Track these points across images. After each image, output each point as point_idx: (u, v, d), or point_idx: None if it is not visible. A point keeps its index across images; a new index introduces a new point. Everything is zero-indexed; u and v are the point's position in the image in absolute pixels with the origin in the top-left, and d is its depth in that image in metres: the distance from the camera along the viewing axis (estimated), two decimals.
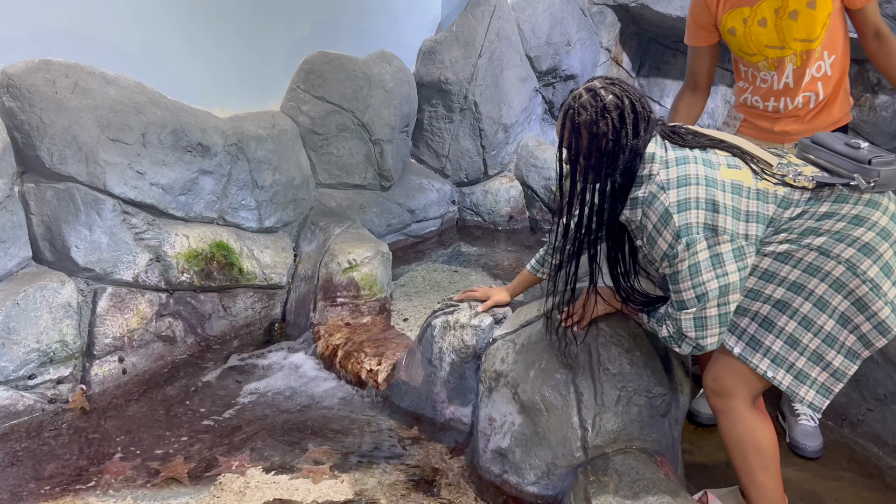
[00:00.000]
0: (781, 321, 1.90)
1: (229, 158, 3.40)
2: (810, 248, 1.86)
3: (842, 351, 1.88)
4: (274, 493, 2.40)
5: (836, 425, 2.79)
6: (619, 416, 2.18)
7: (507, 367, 2.36)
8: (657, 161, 1.89)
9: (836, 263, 1.84)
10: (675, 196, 1.85)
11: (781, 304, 1.90)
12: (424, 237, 4.80)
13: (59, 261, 2.94)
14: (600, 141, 1.88)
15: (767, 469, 2.00)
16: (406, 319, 3.68)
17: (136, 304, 3.12)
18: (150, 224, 3.14)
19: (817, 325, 1.87)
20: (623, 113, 1.88)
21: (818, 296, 1.86)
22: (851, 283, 1.83)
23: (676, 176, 1.86)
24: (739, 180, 1.88)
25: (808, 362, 1.89)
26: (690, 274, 1.87)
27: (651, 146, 1.90)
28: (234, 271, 3.40)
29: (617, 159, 1.88)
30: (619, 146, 1.88)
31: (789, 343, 1.90)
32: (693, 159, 1.89)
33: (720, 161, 1.91)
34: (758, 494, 2.03)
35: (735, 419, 2.00)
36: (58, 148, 2.81)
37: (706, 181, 1.85)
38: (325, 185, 4.19)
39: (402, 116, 4.43)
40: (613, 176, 1.90)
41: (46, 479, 2.45)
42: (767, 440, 2.00)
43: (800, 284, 1.87)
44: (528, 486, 2.27)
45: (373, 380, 2.98)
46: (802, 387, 1.90)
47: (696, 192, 1.84)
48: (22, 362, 2.74)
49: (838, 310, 1.85)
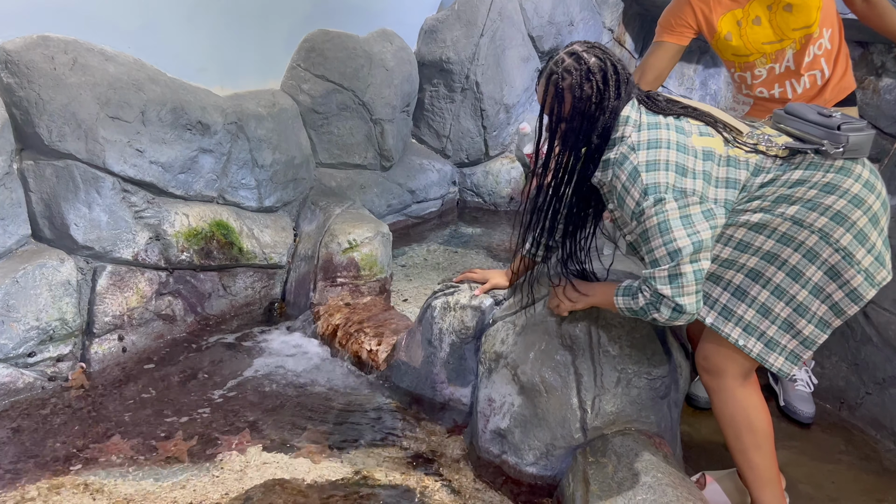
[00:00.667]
0: (754, 290, 1.92)
1: (229, 137, 3.38)
2: (784, 217, 1.86)
3: (812, 320, 1.89)
4: (274, 471, 2.41)
5: (834, 409, 2.80)
6: (618, 397, 2.19)
7: (507, 349, 2.36)
8: (630, 124, 1.91)
9: (810, 233, 1.85)
10: (644, 157, 1.86)
11: (754, 274, 1.92)
12: (425, 218, 4.79)
13: (58, 239, 2.93)
14: (584, 104, 1.90)
15: (761, 448, 2.01)
16: (406, 300, 3.68)
17: (135, 282, 3.11)
18: (150, 202, 3.13)
19: (790, 294, 1.89)
20: (606, 75, 1.90)
21: (791, 265, 1.88)
22: (824, 252, 1.85)
23: (647, 139, 1.88)
24: (711, 147, 1.89)
25: (778, 330, 1.92)
26: (661, 231, 1.84)
27: (626, 109, 1.91)
28: (233, 250, 3.39)
29: (597, 121, 1.91)
30: (602, 108, 1.90)
31: (761, 312, 1.92)
32: (665, 125, 1.90)
33: (692, 129, 1.92)
34: (752, 474, 2.04)
35: (726, 397, 2.02)
36: (57, 125, 2.79)
37: (677, 146, 1.87)
38: (325, 164, 4.17)
39: (403, 96, 4.40)
40: (590, 138, 1.93)
41: (46, 456, 2.46)
42: (760, 419, 2.01)
43: (773, 254, 1.89)
44: (527, 467, 2.28)
45: (373, 360, 2.98)
46: (772, 354, 1.93)
47: (665, 154, 1.85)
48: (21, 340, 2.74)
49: (812, 280, 1.87)
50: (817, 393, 2.84)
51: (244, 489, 2.31)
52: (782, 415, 2.75)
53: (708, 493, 2.24)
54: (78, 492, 2.29)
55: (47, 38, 2.83)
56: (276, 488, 2.32)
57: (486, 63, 4.78)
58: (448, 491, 2.33)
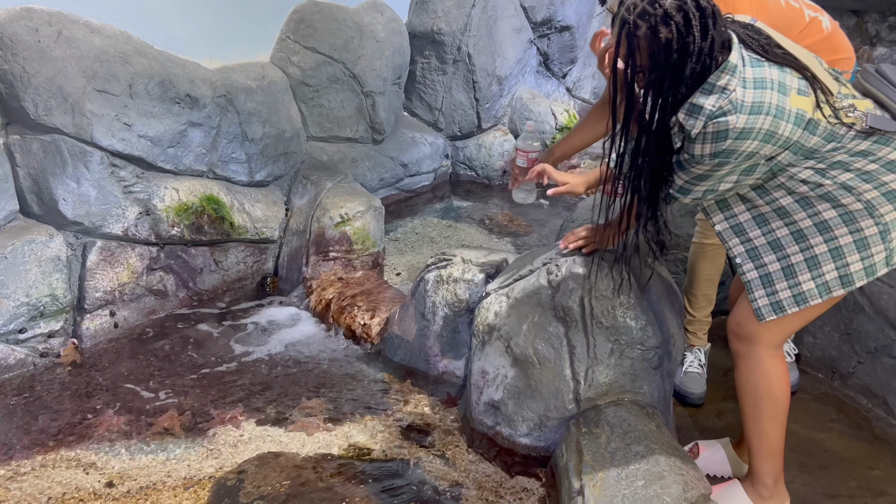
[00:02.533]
0: (775, 224, 1.87)
1: (218, 110, 3.34)
2: (834, 180, 1.78)
3: (817, 280, 1.84)
4: (268, 445, 2.41)
5: (826, 378, 2.82)
6: (611, 368, 2.19)
7: (501, 321, 2.35)
8: (736, 75, 1.68)
9: (856, 200, 1.78)
10: (743, 122, 1.67)
11: (782, 212, 1.85)
12: (417, 192, 4.76)
13: (46, 214, 2.90)
14: (664, 53, 1.66)
15: (776, 419, 2.00)
16: (399, 274, 3.68)
17: (126, 257, 3.09)
18: (139, 177, 3.10)
19: (808, 242, 1.84)
20: (688, 14, 1.63)
21: (823, 218, 1.81)
22: (863, 221, 1.79)
23: (752, 101, 1.67)
24: (804, 110, 1.72)
25: (779, 271, 1.87)
26: (696, 178, 1.81)
27: (734, 55, 1.69)
28: (224, 225, 3.37)
29: (684, 69, 1.67)
30: (688, 53, 1.65)
31: (772, 244, 1.87)
32: (770, 83, 1.69)
33: (793, 85, 1.72)
34: (760, 443, 2.03)
35: (753, 365, 1.99)
36: (42, 99, 2.75)
37: (776, 111, 1.68)
38: (316, 138, 4.13)
39: (394, 68, 4.35)
40: (678, 86, 1.69)
41: (39, 432, 2.45)
42: (782, 390, 1.99)
43: (809, 202, 1.81)
44: (521, 438, 2.29)
45: (366, 334, 2.98)
46: (761, 289, 1.89)
47: (762, 122, 1.67)
48: (12, 316, 2.72)
49: (837, 240, 1.81)
50: (809, 363, 2.85)
51: (238, 462, 2.31)
52: None
53: (701, 461, 2.26)
54: (71, 466, 2.28)
55: (31, 10, 2.78)
56: (271, 461, 2.32)
57: (479, 34, 4.73)
58: (442, 462, 2.34)
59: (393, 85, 4.39)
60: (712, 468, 2.28)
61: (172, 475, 2.26)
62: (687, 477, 1.85)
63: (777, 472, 2.06)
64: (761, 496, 2.07)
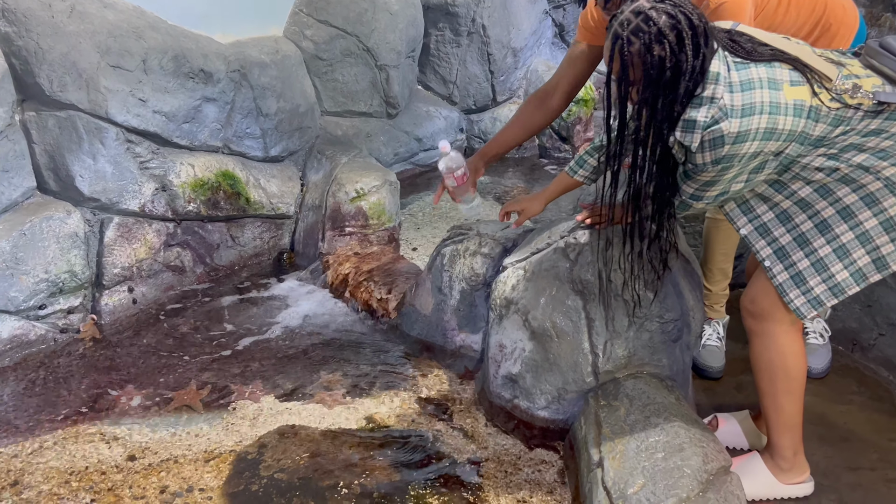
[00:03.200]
0: (799, 218, 1.84)
1: (232, 85, 3.33)
2: (849, 163, 1.75)
3: (850, 268, 1.81)
4: (287, 419, 2.42)
5: (846, 350, 2.79)
6: (630, 341, 2.18)
7: (518, 295, 2.34)
8: (721, 82, 1.68)
9: (875, 178, 1.74)
10: (737, 126, 1.66)
11: (804, 204, 1.83)
12: (432, 166, 4.73)
13: (63, 190, 2.91)
14: (657, 71, 1.65)
15: (792, 394, 1.98)
16: (415, 248, 3.67)
17: (143, 233, 3.10)
18: (155, 153, 3.10)
19: (834, 232, 1.81)
20: (681, 33, 1.64)
21: (845, 204, 1.78)
22: (886, 200, 1.75)
23: (742, 104, 1.67)
24: (802, 100, 1.69)
25: (810, 267, 1.83)
26: (705, 184, 1.80)
27: (714, 63, 1.68)
28: (240, 201, 3.37)
29: (678, 87, 1.66)
30: (681, 72, 1.65)
31: (798, 241, 1.84)
32: (759, 82, 1.68)
33: (783, 77, 1.71)
34: (777, 418, 2.02)
35: (768, 342, 1.97)
36: (57, 74, 2.74)
37: (770, 108, 1.67)
38: (330, 112, 4.11)
39: (408, 41, 4.31)
40: (673, 106, 1.69)
41: (61, 406, 2.48)
42: (798, 366, 1.97)
43: (828, 189, 1.78)
44: (539, 411, 2.28)
45: (383, 308, 2.98)
46: (795, 289, 1.86)
47: (758, 122, 1.67)
48: (32, 292, 2.74)
49: (863, 225, 1.77)
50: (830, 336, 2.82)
51: (258, 436, 2.33)
52: None
53: (720, 434, 2.25)
54: (94, 440, 2.31)
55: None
56: (290, 435, 2.33)
57: (493, 5, 4.66)
58: (460, 435, 2.34)
59: (407, 58, 4.36)
60: (732, 440, 2.27)
61: (193, 449, 2.28)
62: (707, 449, 1.84)
63: (796, 445, 2.05)
64: (781, 468, 2.07)
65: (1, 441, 2.30)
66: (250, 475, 2.15)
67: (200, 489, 2.10)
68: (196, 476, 2.15)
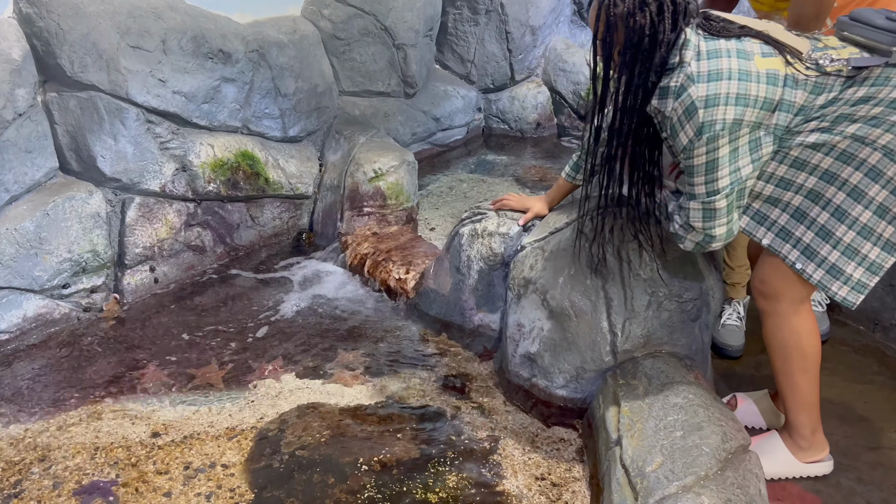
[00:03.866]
0: (814, 212, 1.84)
1: (251, 65, 3.34)
2: (843, 135, 1.76)
3: (879, 243, 1.79)
4: (307, 396, 2.45)
5: (867, 330, 2.77)
6: (649, 320, 2.17)
7: (536, 274, 2.35)
8: (690, 48, 1.77)
9: (872, 150, 1.74)
10: (704, 90, 1.73)
11: (814, 195, 1.83)
12: (450, 146, 4.74)
13: (85, 171, 2.94)
14: (637, 36, 1.77)
15: (807, 372, 1.98)
16: (433, 228, 3.67)
17: (164, 213, 3.13)
18: (175, 133, 3.12)
19: (852, 216, 1.79)
20: (662, 4, 1.76)
21: (853, 185, 1.78)
22: (889, 169, 1.74)
23: (708, 70, 1.74)
24: (775, 69, 1.75)
25: (841, 256, 1.82)
26: (707, 169, 1.80)
27: (688, 31, 1.78)
28: (260, 181, 3.39)
29: (654, 56, 1.77)
30: (656, 41, 1.76)
31: (821, 235, 1.84)
32: (726, 52, 1.76)
33: (754, 49, 1.77)
34: (794, 397, 2.02)
35: (781, 322, 1.97)
36: (78, 55, 2.76)
37: (739, 75, 1.73)
38: (348, 92, 4.11)
39: (426, 19, 4.29)
40: (648, 73, 1.79)
41: (85, 384, 2.52)
42: (812, 344, 1.97)
43: (833, 173, 1.79)
44: (557, 390, 2.29)
45: (401, 288, 2.99)
46: (835, 282, 1.84)
47: (727, 87, 1.73)
48: (55, 272, 2.77)
49: (875, 200, 1.76)
50: (850, 314, 2.81)
51: (279, 413, 2.36)
52: None
53: (739, 413, 2.25)
54: (117, 418, 2.35)
55: None
56: (310, 412, 2.36)
57: None
58: (479, 413, 2.36)
59: (424, 37, 4.34)
60: (751, 420, 2.27)
61: (215, 425, 2.31)
62: (726, 428, 1.85)
63: (814, 423, 2.05)
64: (800, 447, 2.07)
65: (28, 417, 2.34)
66: (272, 451, 2.18)
67: (223, 465, 2.13)
68: (218, 452, 2.19)
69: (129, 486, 2.05)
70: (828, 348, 2.68)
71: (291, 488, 2.04)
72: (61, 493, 2.02)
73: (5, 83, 2.57)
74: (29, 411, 2.37)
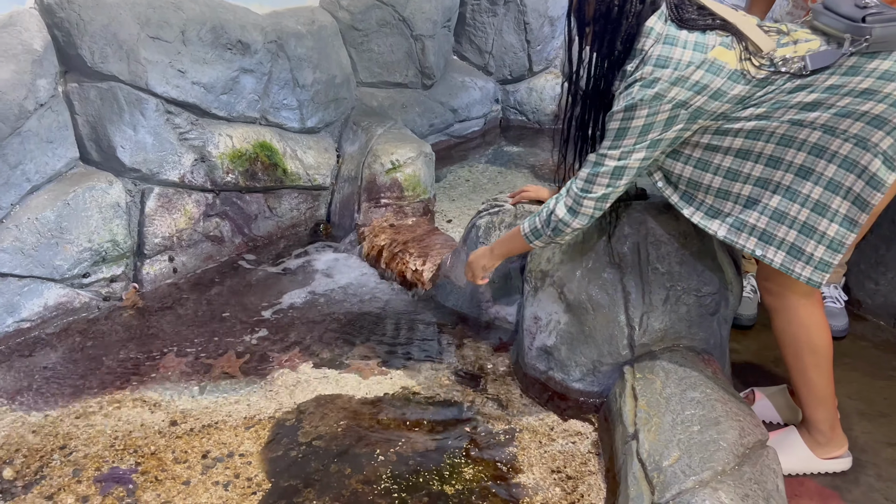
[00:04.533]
0: (765, 198, 1.85)
1: (269, 56, 3.34)
2: (780, 120, 1.78)
3: (836, 219, 1.78)
4: (324, 387, 2.46)
5: (888, 325, 2.75)
6: (666, 314, 2.17)
7: (553, 267, 2.34)
8: (652, 36, 1.81)
9: (812, 130, 1.76)
10: (648, 73, 1.79)
11: (762, 182, 1.84)
12: (467, 137, 4.73)
13: (105, 161, 2.96)
14: (606, 6, 1.84)
15: (820, 367, 1.97)
16: (450, 220, 3.67)
17: (183, 204, 3.15)
18: (194, 124, 3.13)
19: (803, 194, 1.80)
20: None
21: (798, 164, 1.79)
22: (832, 145, 1.75)
23: (658, 54, 1.79)
24: (724, 61, 1.77)
25: (799, 235, 1.82)
26: (616, 136, 1.86)
27: (652, 19, 1.82)
28: (277, 172, 3.40)
29: (620, 26, 1.83)
30: (624, 13, 1.82)
31: (775, 217, 1.84)
32: (683, 43, 1.78)
33: (714, 42, 1.79)
34: (808, 393, 2.01)
35: (789, 317, 1.96)
36: (98, 46, 2.78)
37: (686, 66, 1.77)
38: (365, 83, 4.11)
39: (444, 10, 4.28)
40: (614, 44, 1.86)
41: (104, 373, 2.54)
42: (822, 339, 1.96)
43: (777, 158, 1.81)
44: (574, 383, 2.29)
45: (418, 280, 3.00)
46: (797, 262, 1.84)
47: (669, 74, 1.77)
48: (76, 261, 2.80)
49: (825, 175, 1.77)
50: (870, 309, 2.79)
51: (296, 403, 2.37)
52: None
53: (757, 408, 2.24)
54: (136, 406, 2.37)
55: None
56: (328, 403, 2.37)
57: None
58: (495, 405, 2.36)
59: (442, 28, 4.33)
60: (768, 415, 2.26)
61: (233, 415, 2.33)
62: (744, 423, 1.84)
63: (832, 419, 2.04)
64: (818, 442, 2.06)
65: (49, 405, 2.37)
66: (289, 441, 2.19)
67: (241, 455, 2.15)
68: (236, 442, 2.20)
69: (147, 473, 2.07)
70: (847, 343, 2.66)
71: (308, 478, 2.05)
72: (81, 480, 2.05)
73: (27, 74, 2.59)
74: (49, 399, 2.40)
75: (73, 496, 2.00)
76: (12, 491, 2.01)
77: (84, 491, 2.01)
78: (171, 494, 2.00)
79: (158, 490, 2.02)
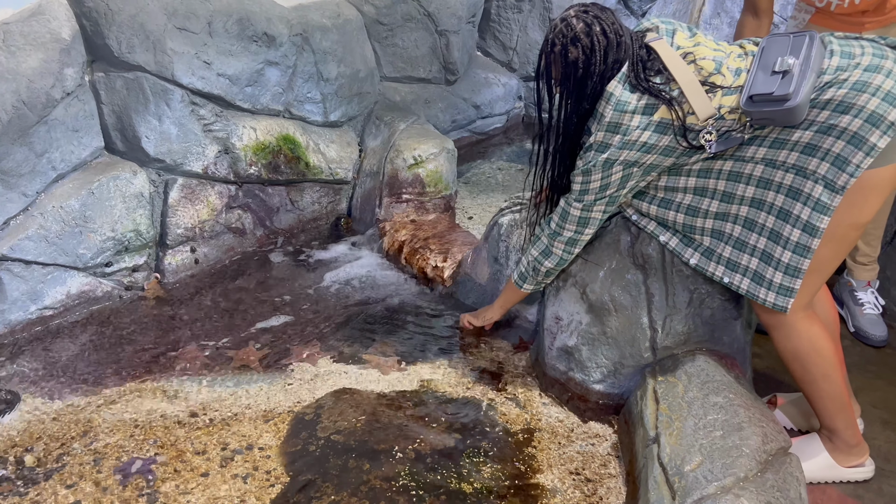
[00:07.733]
0: (727, 227, 1.99)
1: (294, 49, 3.34)
2: (724, 158, 1.93)
3: (788, 246, 1.86)
4: (343, 382, 2.46)
5: None
6: (690, 317, 2.15)
7: (576, 267, 2.33)
8: (609, 101, 1.92)
9: (754, 165, 1.89)
10: (601, 138, 1.95)
11: (721, 215, 1.98)
12: (489, 134, 4.71)
13: (130, 151, 2.97)
14: (572, 69, 1.95)
15: (829, 376, 1.95)
16: (471, 217, 3.66)
17: (206, 195, 3.16)
18: (218, 116, 3.14)
19: (759, 223, 1.92)
20: (593, 40, 1.92)
21: (750, 197, 1.93)
22: (776, 177, 1.87)
23: (608, 120, 1.92)
24: (670, 119, 1.88)
25: (760, 262, 1.93)
26: (579, 192, 2.07)
27: (612, 83, 1.92)
28: (300, 165, 3.40)
29: (586, 85, 1.95)
30: (589, 73, 1.94)
31: (737, 247, 1.97)
32: (633, 108, 1.89)
33: (660, 105, 1.89)
34: (822, 404, 1.99)
35: (788, 332, 1.96)
36: (126, 36, 2.79)
37: (633, 129, 1.90)
38: (389, 78, 4.10)
39: (469, 6, 4.26)
40: (581, 103, 1.99)
41: (127, 362, 2.56)
42: (825, 346, 1.94)
43: (729, 193, 1.95)
44: (594, 384, 2.28)
45: (438, 276, 2.99)
46: (761, 289, 1.93)
47: (619, 140, 1.92)
48: (99, 250, 2.82)
49: (775, 205, 1.88)
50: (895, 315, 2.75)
51: (315, 397, 2.37)
52: (856, 339, 2.68)
53: (779, 414, 2.21)
54: (156, 396, 2.38)
55: None
56: (346, 398, 2.37)
57: None
58: (514, 405, 2.35)
59: (467, 23, 4.31)
60: (791, 420, 2.24)
61: (252, 407, 2.33)
62: (766, 429, 1.82)
63: (851, 425, 2.02)
64: (840, 450, 2.04)
65: (70, 393, 2.39)
66: (308, 435, 2.20)
67: (260, 448, 2.15)
68: (255, 434, 2.21)
69: (167, 465, 2.08)
70: (872, 352, 2.63)
71: (327, 473, 2.05)
72: (101, 469, 2.06)
73: (55, 62, 2.61)
74: (71, 387, 2.42)
75: (92, 484, 2.01)
76: (33, 478, 2.03)
77: (104, 480, 2.03)
78: (191, 486, 2.01)
79: (177, 481, 2.03)
